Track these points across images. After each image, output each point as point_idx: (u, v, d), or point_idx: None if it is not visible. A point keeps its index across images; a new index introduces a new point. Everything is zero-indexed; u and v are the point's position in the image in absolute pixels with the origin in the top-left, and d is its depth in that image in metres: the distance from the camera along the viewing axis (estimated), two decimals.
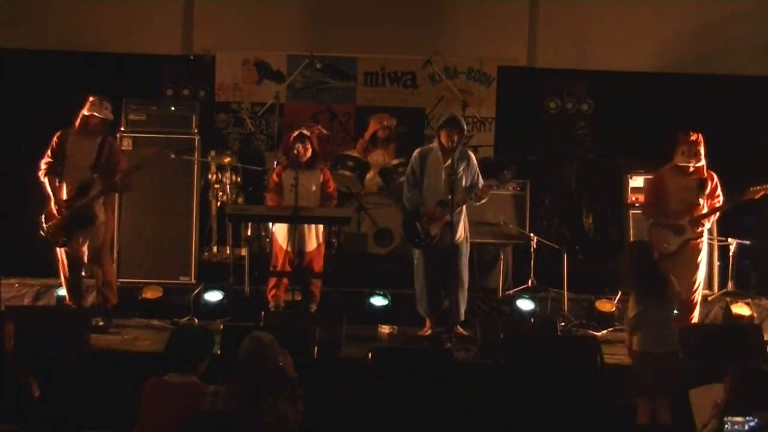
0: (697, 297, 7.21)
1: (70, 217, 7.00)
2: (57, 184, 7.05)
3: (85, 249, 7.09)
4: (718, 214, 7.22)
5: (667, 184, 7.20)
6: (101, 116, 7.07)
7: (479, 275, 8.09)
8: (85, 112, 7.06)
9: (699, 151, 7.10)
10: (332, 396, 5.98)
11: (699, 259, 7.12)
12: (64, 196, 7.04)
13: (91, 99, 7.07)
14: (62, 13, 9.72)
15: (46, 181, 7.07)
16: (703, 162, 7.14)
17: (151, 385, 4.55)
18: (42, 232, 7.04)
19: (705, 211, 7.13)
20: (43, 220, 7.03)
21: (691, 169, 7.12)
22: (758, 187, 7.07)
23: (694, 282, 7.09)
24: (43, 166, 7.08)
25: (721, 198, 7.21)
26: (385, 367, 6.24)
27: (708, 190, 7.14)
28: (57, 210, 7.02)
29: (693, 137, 7.11)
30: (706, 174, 7.16)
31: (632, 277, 5.88)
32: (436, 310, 7.24)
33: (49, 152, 7.09)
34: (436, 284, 7.17)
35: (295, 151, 7.32)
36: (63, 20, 9.70)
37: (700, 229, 7.13)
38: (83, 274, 7.39)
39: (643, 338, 5.75)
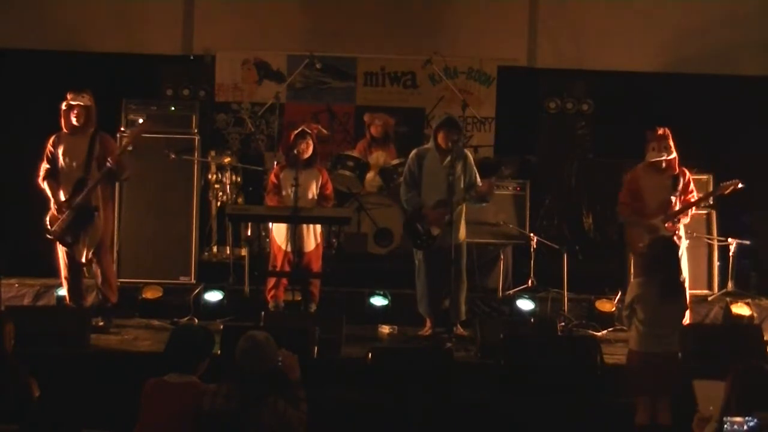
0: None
1: (73, 216, 7.00)
2: (55, 186, 7.05)
3: (85, 247, 7.09)
4: (692, 210, 7.21)
5: (640, 183, 7.24)
6: (79, 103, 7.00)
7: (479, 275, 8.09)
8: (63, 105, 7.04)
9: (669, 144, 7.14)
10: (332, 396, 5.98)
11: (680, 254, 7.09)
12: (63, 198, 7.04)
13: (68, 95, 7.05)
14: (62, 13, 9.73)
15: (45, 185, 7.07)
16: (674, 155, 7.16)
17: (151, 385, 4.55)
18: (48, 235, 7.03)
19: (678, 208, 7.13)
20: (48, 223, 7.02)
21: (664, 165, 7.14)
22: (728, 183, 7.09)
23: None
24: (41, 172, 7.09)
25: (694, 193, 7.23)
26: (385, 367, 6.24)
27: (681, 187, 7.15)
28: (59, 211, 7.01)
29: (660, 132, 7.15)
30: (678, 170, 7.18)
31: (660, 273, 5.79)
32: (436, 310, 7.24)
33: (45, 158, 7.10)
34: (437, 284, 7.17)
35: (297, 150, 7.30)
36: (63, 20, 9.71)
37: (675, 225, 7.13)
38: (85, 274, 7.40)
39: (642, 337, 5.74)
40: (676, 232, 7.16)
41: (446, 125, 7.09)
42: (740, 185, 7.06)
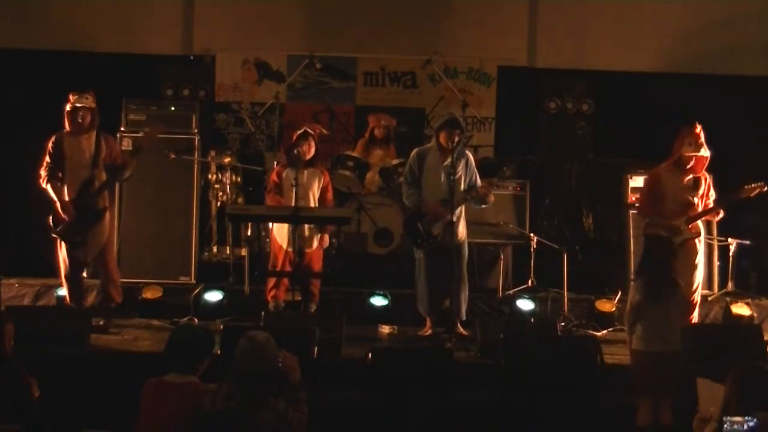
0: (697, 297, 7.20)
1: (80, 216, 6.99)
2: (60, 186, 7.03)
3: (89, 247, 7.08)
4: (714, 213, 7.20)
5: (663, 184, 7.18)
6: (85, 105, 7.02)
7: (479, 275, 8.10)
8: (68, 107, 7.04)
9: (703, 142, 7.10)
10: (332, 396, 5.98)
11: (697, 261, 7.11)
12: (67, 197, 7.01)
13: (71, 96, 7.05)
14: (62, 13, 9.74)
15: (48, 187, 7.04)
16: (708, 153, 7.13)
17: (151, 385, 4.55)
18: (54, 235, 7.02)
19: (700, 210, 7.13)
20: (51, 224, 7.00)
21: (689, 166, 7.11)
22: (753, 186, 7.06)
23: (693, 282, 7.07)
24: (42, 173, 7.04)
25: (714, 197, 7.22)
26: (385, 367, 6.24)
27: (702, 190, 7.14)
28: (65, 212, 6.98)
29: (698, 129, 7.11)
30: (701, 173, 7.16)
31: (648, 271, 5.81)
32: (436, 310, 7.24)
33: (47, 157, 7.06)
34: (437, 284, 7.17)
35: (297, 150, 7.30)
36: (62, 20, 9.71)
37: (698, 227, 7.13)
38: (85, 274, 7.40)
39: (643, 337, 5.75)
40: (699, 235, 7.14)
41: (448, 125, 7.08)
42: (766, 188, 7.03)
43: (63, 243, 7.06)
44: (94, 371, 6.35)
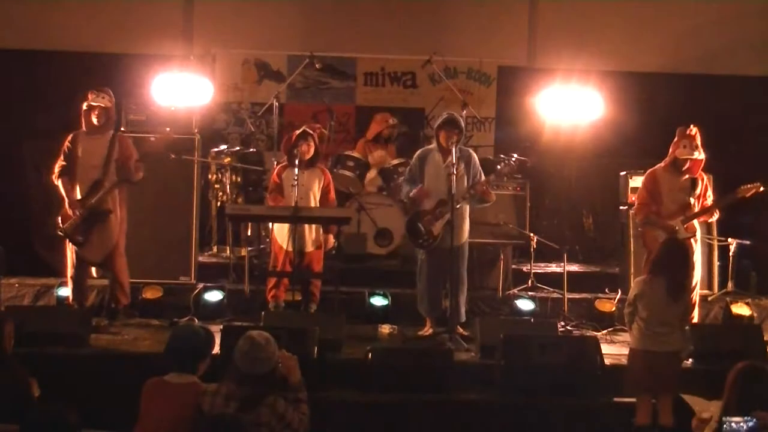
0: (695, 297, 7.21)
1: (86, 216, 7.02)
2: (70, 185, 7.07)
3: (97, 249, 7.09)
4: (710, 213, 7.19)
5: (660, 184, 7.20)
6: (100, 104, 7.06)
7: (479, 275, 8.09)
8: (84, 106, 7.09)
9: (698, 145, 7.12)
10: (332, 396, 5.98)
11: (694, 259, 7.11)
12: (78, 196, 7.05)
13: (89, 95, 7.10)
14: (62, 13, 9.73)
15: (59, 183, 7.09)
16: (703, 156, 7.14)
17: (151, 385, 4.56)
18: (60, 233, 7.05)
19: (697, 210, 7.13)
20: (60, 221, 7.04)
21: (685, 167, 7.12)
22: (749, 186, 7.07)
23: (691, 282, 7.06)
24: (56, 169, 7.11)
25: (711, 198, 7.22)
26: (385, 367, 6.25)
27: (699, 191, 7.15)
28: (72, 210, 7.03)
29: (693, 131, 7.12)
30: (698, 174, 7.17)
31: (663, 271, 5.80)
32: (436, 310, 7.24)
33: (62, 155, 7.12)
34: (438, 284, 7.17)
35: (297, 150, 7.29)
36: (63, 20, 9.71)
37: (693, 227, 7.13)
38: (93, 274, 7.39)
39: (643, 336, 5.75)
40: (694, 234, 7.15)
41: (447, 125, 7.08)
42: (762, 188, 7.04)
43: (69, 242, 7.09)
44: (94, 371, 6.35)
